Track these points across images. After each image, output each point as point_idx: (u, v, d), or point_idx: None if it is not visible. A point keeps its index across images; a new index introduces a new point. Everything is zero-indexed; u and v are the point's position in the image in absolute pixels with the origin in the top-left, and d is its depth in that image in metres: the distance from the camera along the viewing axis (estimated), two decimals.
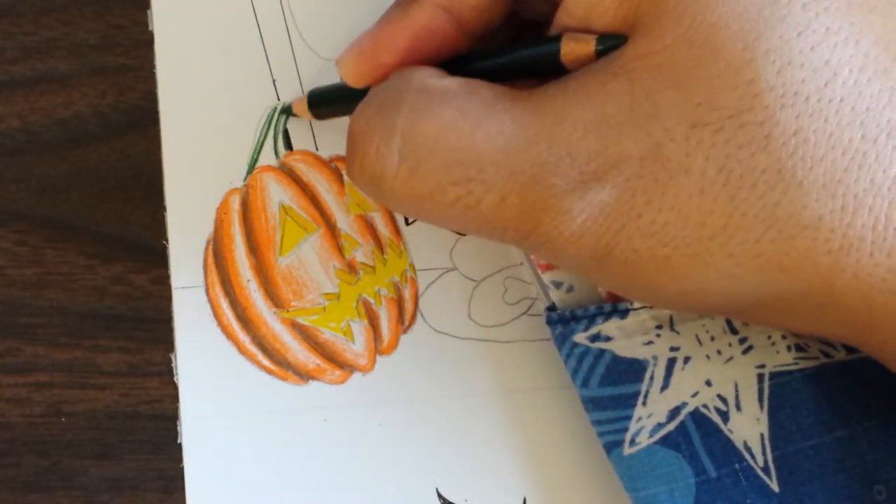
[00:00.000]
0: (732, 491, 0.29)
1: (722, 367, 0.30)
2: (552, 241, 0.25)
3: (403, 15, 0.27)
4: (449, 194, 0.25)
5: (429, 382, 0.33)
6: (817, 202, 0.23)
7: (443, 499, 0.33)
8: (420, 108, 0.26)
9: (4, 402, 0.34)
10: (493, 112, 0.25)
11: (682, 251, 0.24)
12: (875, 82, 0.23)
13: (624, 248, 0.25)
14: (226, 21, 0.34)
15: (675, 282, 0.25)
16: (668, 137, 0.24)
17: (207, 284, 0.33)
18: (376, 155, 0.26)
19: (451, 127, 0.25)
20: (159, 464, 0.33)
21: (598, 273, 0.26)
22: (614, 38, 0.25)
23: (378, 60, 0.28)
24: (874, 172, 0.23)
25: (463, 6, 0.27)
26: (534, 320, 0.34)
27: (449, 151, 0.25)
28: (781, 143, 0.23)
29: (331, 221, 0.33)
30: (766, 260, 0.24)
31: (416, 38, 0.27)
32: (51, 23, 0.35)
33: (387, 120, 0.26)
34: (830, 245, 0.23)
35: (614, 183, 0.24)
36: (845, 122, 0.23)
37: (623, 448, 0.30)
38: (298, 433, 0.33)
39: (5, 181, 0.34)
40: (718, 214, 0.24)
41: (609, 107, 0.24)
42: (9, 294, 0.34)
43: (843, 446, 0.29)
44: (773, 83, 0.23)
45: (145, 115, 0.34)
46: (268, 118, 0.33)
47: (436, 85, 0.26)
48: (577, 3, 0.25)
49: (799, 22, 0.23)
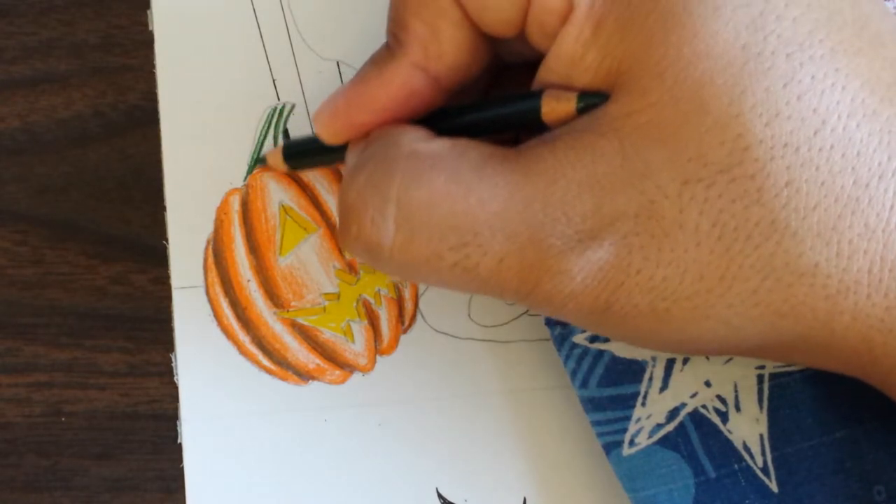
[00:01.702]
0: (731, 491, 0.29)
1: (721, 368, 0.30)
2: (552, 300, 0.25)
3: (378, 74, 0.27)
4: (446, 259, 0.25)
5: (429, 382, 0.33)
6: (812, 250, 0.23)
7: (443, 499, 0.33)
8: (412, 175, 0.25)
9: (4, 402, 0.34)
10: (484, 175, 0.25)
11: (681, 304, 0.24)
12: (864, 126, 0.23)
13: (624, 303, 0.25)
14: (226, 21, 0.34)
15: (675, 333, 0.25)
16: (662, 194, 0.24)
17: (207, 284, 0.33)
18: (372, 226, 0.26)
19: (445, 193, 0.25)
20: (159, 464, 0.33)
21: (599, 327, 0.26)
22: (596, 96, 0.25)
23: (354, 120, 0.27)
24: (868, 217, 0.23)
25: (440, 65, 0.27)
26: (534, 320, 0.34)
27: (444, 218, 0.25)
28: (774, 194, 0.23)
29: (331, 221, 0.33)
30: (764, 308, 0.24)
31: (393, 97, 0.27)
32: (51, 23, 0.35)
33: (380, 190, 0.26)
34: (828, 290, 0.24)
35: (611, 241, 0.24)
36: (837, 168, 0.23)
37: (622, 449, 0.30)
38: (298, 433, 0.33)
39: (5, 181, 0.34)
40: (715, 267, 0.24)
41: (600, 166, 0.24)
42: (9, 294, 0.34)
43: (842, 447, 0.29)
44: (761, 136, 0.23)
45: (145, 115, 0.34)
46: (268, 118, 0.33)
47: (424, 149, 0.26)
48: (558, 60, 0.25)
49: (784, 73, 0.23)
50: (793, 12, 0.23)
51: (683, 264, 0.24)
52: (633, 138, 0.24)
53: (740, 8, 0.23)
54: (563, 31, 0.25)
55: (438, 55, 0.27)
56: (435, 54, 0.27)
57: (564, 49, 0.25)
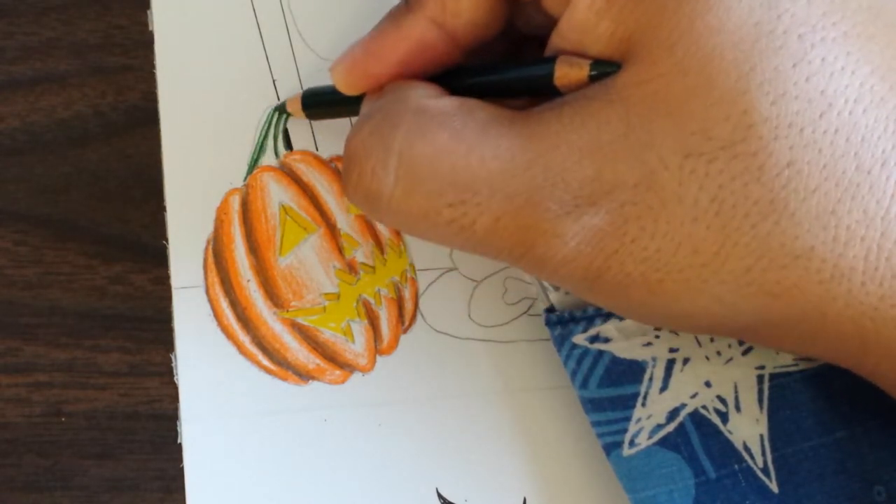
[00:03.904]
0: (732, 492, 0.29)
1: (721, 369, 0.30)
2: (545, 263, 0.25)
3: (396, 28, 0.27)
4: (444, 215, 0.26)
5: (429, 382, 0.33)
6: (809, 233, 0.23)
7: (443, 499, 0.33)
8: (416, 129, 0.26)
9: (4, 402, 0.34)
10: (488, 135, 0.25)
11: (673, 276, 0.24)
12: (871, 112, 0.23)
13: (616, 271, 0.25)
14: (226, 21, 0.34)
15: (666, 305, 0.25)
16: (662, 166, 0.24)
17: (207, 284, 0.33)
18: (372, 174, 0.26)
19: (447, 149, 0.25)
20: (159, 464, 0.33)
21: (591, 293, 0.26)
22: (609, 64, 0.25)
23: (370, 71, 0.28)
24: (867, 203, 0.23)
25: (456, 22, 0.27)
26: (534, 320, 0.34)
27: (444, 173, 0.25)
28: (775, 174, 0.23)
29: (331, 221, 0.33)
30: (757, 288, 0.24)
31: (409, 51, 0.27)
32: (51, 23, 0.35)
33: (384, 140, 0.26)
34: (822, 275, 0.24)
35: (608, 208, 0.24)
36: (839, 153, 0.23)
37: (622, 449, 0.30)
38: (298, 433, 0.33)
39: (5, 181, 0.34)
40: (711, 242, 0.24)
41: (604, 133, 0.24)
42: (9, 294, 0.34)
43: (842, 447, 0.29)
44: (767, 115, 0.23)
45: (145, 115, 0.34)
46: (268, 118, 0.33)
47: (432, 106, 0.26)
48: (570, 27, 0.25)
49: (795, 53, 0.23)
50: None
51: (679, 237, 0.24)
52: (638, 108, 0.24)
53: None
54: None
55: (455, 11, 0.27)
56: (452, 10, 0.27)
57: (577, 16, 0.25)
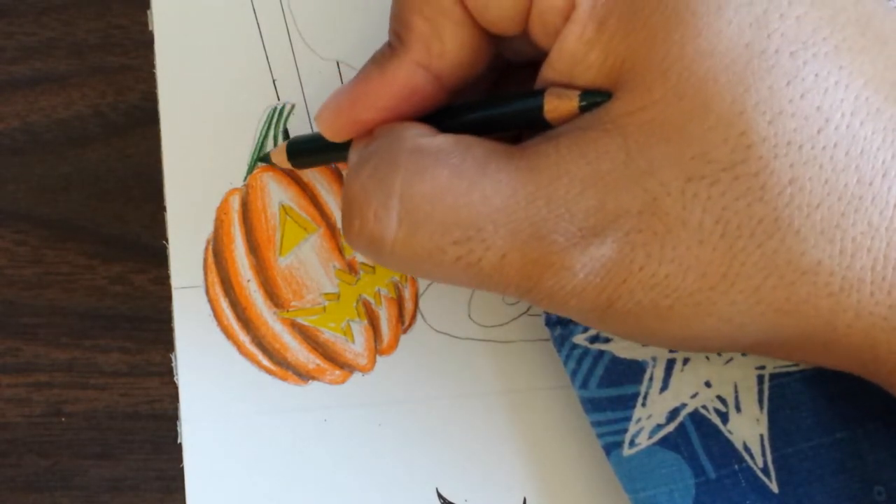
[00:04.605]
0: (732, 492, 0.29)
1: (721, 369, 0.30)
2: (554, 296, 0.25)
3: (381, 72, 0.27)
4: (449, 254, 0.25)
5: (429, 382, 0.33)
6: (815, 248, 0.23)
7: (443, 499, 0.33)
8: (415, 169, 0.25)
9: (4, 402, 0.34)
10: (487, 170, 0.25)
11: (684, 301, 0.24)
12: (868, 124, 0.23)
13: (626, 300, 0.25)
14: (226, 21, 0.34)
15: (678, 330, 0.25)
16: (665, 192, 0.24)
17: (207, 284, 0.33)
18: (375, 219, 0.26)
19: (448, 187, 0.25)
20: (159, 464, 0.33)
21: (601, 323, 0.26)
22: (598, 94, 0.25)
23: (357, 117, 0.27)
24: (871, 215, 0.23)
25: (442, 63, 0.27)
26: (534, 320, 0.33)
27: (447, 212, 0.25)
28: (777, 192, 0.23)
29: (331, 221, 0.33)
30: (767, 306, 0.24)
31: (395, 95, 0.27)
32: (51, 23, 0.35)
33: (383, 183, 0.26)
34: (831, 288, 0.24)
35: (614, 238, 0.24)
36: (840, 167, 0.23)
37: (622, 449, 0.30)
38: (298, 433, 0.33)
39: (5, 181, 0.34)
40: (718, 264, 0.24)
41: (604, 163, 0.24)
42: (9, 294, 0.34)
43: (843, 447, 0.29)
44: (765, 134, 0.23)
45: (145, 115, 0.34)
46: (268, 118, 0.33)
47: (428, 144, 0.26)
48: (560, 58, 0.25)
49: (787, 71, 0.23)
50: (796, 10, 0.23)
51: (686, 262, 0.24)
52: (636, 136, 0.24)
53: (744, 6, 0.23)
54: (566, 29, 0.25)
55: (441, 53, 0.27)
56: (437, 52, 0.27)
57: (567, 47, 0.25)
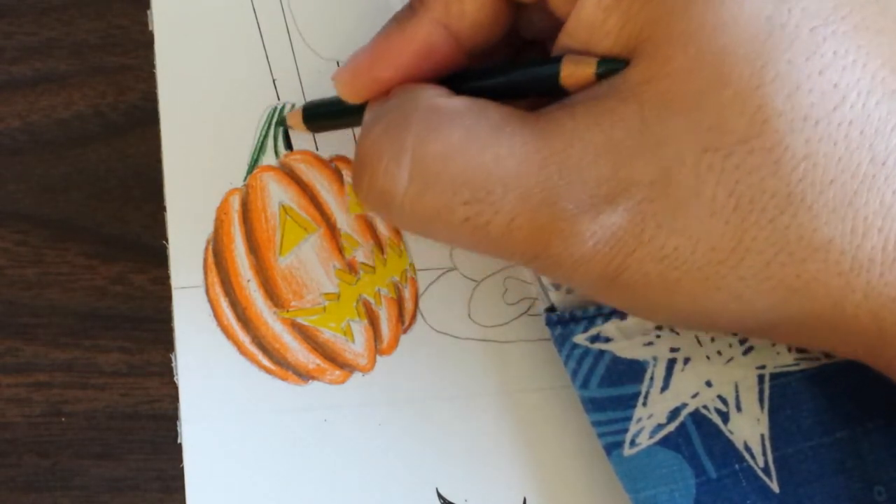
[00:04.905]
0: (732, 492, 0.29)
1: (722, 368, 0.30)
2: (562, 264, 0.25)
3: (401, 31, 0.27)
4: (457, 214, 0.25)
5: (429, 382, 0.33)
6: (827, 225, 0.23)
7: (443, 499, 0.33)
8: (429, 128, 0.25)
9: (4, 402, 0.34)
10: (501, 134, 0.25)
11: (692, 275, 0.24)
12: (883, 105, 0.23)
13: (634, 271, 0.25)
14: (226, 21, 0.34)
15: (685, 304, 0.25)
16: (679, 162, 0.24)
17: (207, 284, 0.33)
18: (385, 174, 0.26)
19: (461, 148, 0.25)
20: (159, 464, 0.33)
21: (608, 294, 0.26)
22: (614, 62, 0.25)
23: (375, 76, 0.28)
24: (883, 194, 0.23)
25: (461, 23, 0.27)
26: (534, 320, 0.33)
27: (458, 172, 0.25)
28: (791, 167, 0.23)
29: (331, 221, 0.33)
30: (776, 282, 0.24)
31: (415, 54, 0.27)
32: (51, 23, 0.35)
33: (396, 140, 0.26)
34: (841, 267, 0.24)
35: (625, 207, 0.24)
36: (854, 145, 0.23)
37: (623, 449, 0.30)
38: (298, 433, 0.33)
39: (5, 181, 0.34)
40: (729, 238, 0.24)
41: (619, 131, 0.24)
42: (9, 294, 0.34)
43: (843, 447, 0.29)
44: (781, 109, 0.23)
45: (145, 115, 0.34)
46: (268, 118, 0.33)
47: (444, 105, 0.26)
48: (578, 25, 0.25)
49: (807, 47, 0.23)
50: None
51: (696, 234, 0.24)
52: (652, 105, 0.24)
53: None
54: None
55: (460, 13, 0.27)
56: (457, 12, 0.27)
57: (585, 14, 0.25)
